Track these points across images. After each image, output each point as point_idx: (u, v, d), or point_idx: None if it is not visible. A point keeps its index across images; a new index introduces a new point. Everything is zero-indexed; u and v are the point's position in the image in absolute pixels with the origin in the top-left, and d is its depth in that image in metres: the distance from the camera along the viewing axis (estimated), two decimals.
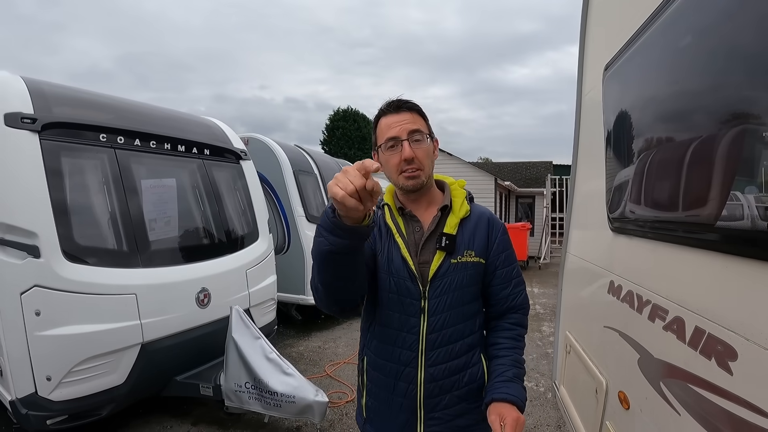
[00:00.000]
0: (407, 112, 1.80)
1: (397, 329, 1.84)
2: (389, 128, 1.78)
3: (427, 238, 1.85)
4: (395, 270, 1.83)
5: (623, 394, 2.13)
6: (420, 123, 1.81)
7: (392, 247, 1.85)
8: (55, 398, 3.54)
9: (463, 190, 1.99)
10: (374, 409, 1.96)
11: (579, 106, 3.31)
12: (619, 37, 2.31)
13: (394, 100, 1.83)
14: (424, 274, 1.81)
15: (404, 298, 1.82)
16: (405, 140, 1.75)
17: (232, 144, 5.71)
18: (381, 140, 1.80)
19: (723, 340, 1.33)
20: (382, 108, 1.84)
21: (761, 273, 1.18)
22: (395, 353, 1.85)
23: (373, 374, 1.93)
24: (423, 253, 1.84)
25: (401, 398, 1.84)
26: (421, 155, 1.78)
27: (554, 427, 4.81)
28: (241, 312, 4.30)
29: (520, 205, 23.03)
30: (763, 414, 1.15)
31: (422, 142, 1.78)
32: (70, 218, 3.73)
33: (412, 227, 1.89)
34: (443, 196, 1.95)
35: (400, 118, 1.78)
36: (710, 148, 1.42)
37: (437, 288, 1.80)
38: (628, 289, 2.13)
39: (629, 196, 2.17)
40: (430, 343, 1.80)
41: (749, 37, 1.26)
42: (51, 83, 4.16)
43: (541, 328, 8.71)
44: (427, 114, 1.87)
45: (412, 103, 1.84)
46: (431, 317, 1.80)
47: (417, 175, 1.78)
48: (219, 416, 4.78)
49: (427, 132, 1.83)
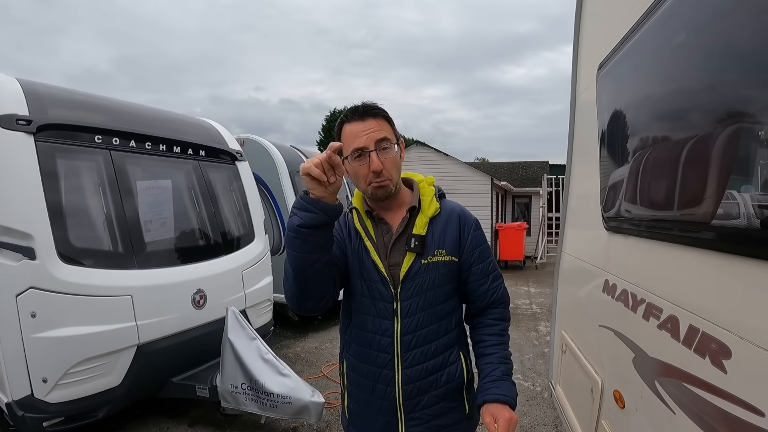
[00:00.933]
0: (373, 119, 1.74)
1: (372, 332, 1.84)
2: (355, 137, 1.73)
3: (396, 240, 1.83)
4: (366, 273, 1.83)
5: (618, 393, 2.13)
6: (386, 129, 1.77)
7: (362, 250, 1.85)
8: (52, 400, 3.53)
9: (432, 187, 1.97)
10: (356, 412, 1.97)
11: (573, 106, 3.32)
12: (612, 36, 2.32)
13: (359, 106, 1.77)
14: (395, 276, 1.80)
15: (376, 302, 1.82)
16: (373, 151, 1.71)
17: (227, 145, 5.71)
18: (347, 150, 1.75)
19: (717, 339, 1.33)
20: (347, 114, 1.78)
21: (756, 271, 1.19)
22: (372, 356, 1.85)
23: (353, 377, 1.94)
24: (393, 255, 1.83)
25: (380, 400, 1.84)
26: (389, 165, 1.75)
27: (551, 427, 4.82)
28: (237, 313, 4.29)
29: (517, 205, 23.01)
30: (757, 412, 1.15)
31: (389, 150, 1.75)
32: (66, 220, 3.73)
33: (381, 230, 1.87)
34: (412, 196, 1.92)
35: (365, 126, 1.73)
36: (705, 147, 1.43)
37: (408, 289, 1.79)
38: (623, 288, 2.13)
39: (623, 195, 2.18)
40: (405, 344, 1.80)
41: (742, 35, 1.26)
42: (46, 85, 4.16)
43: (538, 327, 8.71)
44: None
45: (378, 108, 1.78)
46: (404, 319, 1.79)
47: (386, 185, 1.76)
48: (216, 417, 4.77)
49: (394, 139, 1.79)
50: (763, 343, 1.14)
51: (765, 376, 1.13)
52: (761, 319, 1.17)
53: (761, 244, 1.17)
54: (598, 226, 2.53)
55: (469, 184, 17.52)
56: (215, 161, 5.49)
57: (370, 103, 1.78)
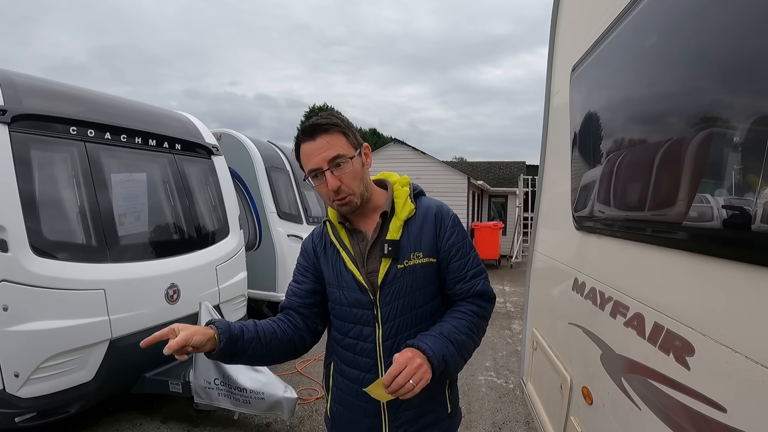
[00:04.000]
0: (323, 136, 1.71)
1: (354, 338, 1.84)
2: (309, 158, 1.73)
3: (372, 247, 1.82)
4: (345, 283, 1.83)
5: (587, 390, 2.16)
6: (339, 144, 1.73)
7: (338, 261, 1.85)
8: (24, 395, 3.49)
9: (406, 188, 1.93)
10: (339, 414, 1.97)
11: (547, 107, 3.35)
12: (586, 38, 2.33)
13: (308, 126, 1.74)
14: (374, 282, 1.79)
15: (356, 310, 1.82)
16: (327, 170, 1.70)
17: (203, 139, 5.68)
18: (306, 171, 1.77)
19: (681, 336, 1.36)
20: (299, 135, 1.77)
21: (719, 270, 1.22)
22: (356, 360, 1.85)
23: (339, 379, 1.94)
24: (370, 262, 1.82)
25: (365, 402, 1.83)
26: (348, 180, 1.73)
27: (523, 423, 4.87)
28: (210, 307, 4.28)
29: (493, 204, 23.14)
30: (719, 408, 1.17)
31: (345, 165, 1.72)
32: (39, 212, 3.68)
33: (357, 238, 1.86)
34: (386, 199, 1.89)
35: (317, 146, 1.71)
36: (676, 150, 1.45)
37: (387, 295, 1.78)
38: (591, 287, 2.16)
39: (594, 195, 2.21)
40: (387, 349, 1.79)
41: (714, 39, 1.28)
42: (22, 74, 4.10)
43: (512, 326, 8.79)
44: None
45: (327, 123, 1.73)
46: (385, 324, 1.79)
47: (348, 201, 1.75)
48: (189, 413, 4.76)
49: (350, 152, 1.75)
50: (724, 340, 1.17)
51: (727, 373, 1.16)
52: (723, 317, 1.20)
53: (727, 244, 1.19)
54: (569, 225, 2.56)
55: (446, 183, 17.63)
56: (191, 155, 5.46)
57: (319, 120, 1.75)
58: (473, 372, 6.30)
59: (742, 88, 1.17)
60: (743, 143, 1.12)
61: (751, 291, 1.09)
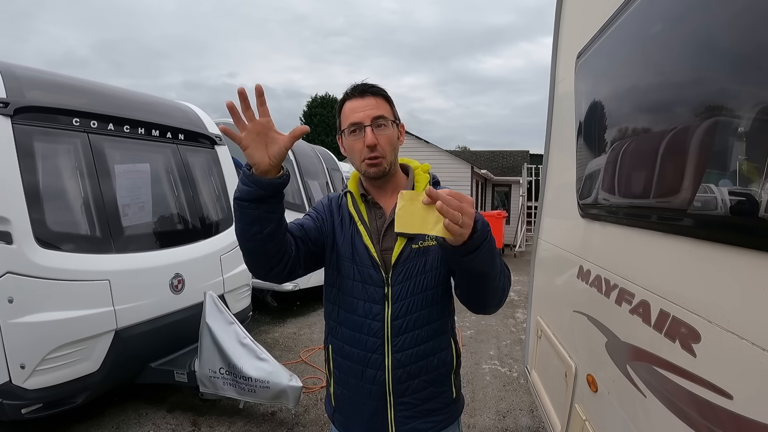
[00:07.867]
0: (372, 97, 1.77)
1: (362, 316, 1.84)
2: (353, 113, 1.75)
3: (389, 225, 1.83)
4: (359, 258, 1.83)
5: (591, 377, 2.16)
6: (384, 109, 1.78)
7: (355, 234, 1.85)
8: (30, 386, 3.50)
9: (427, 174, 1.97)
10: (343, 398, 1.95)
11: (552, 95, 3.34)
12: (592, 25, 2.32)
13: (359, 84, 1.80)
14: (387, 260, 1.80)
15: (368, 286, 1.82)
16: (368, 126, 1.72)
17: (206, 129, 5.67)
18: (344, 125, 1.78)
19: (687, 323, 1.36)
20: (347, 92, 1.81)
21: (725, 257, 1.21)
22: (362, 340, 1.84)
23: (341, 362, 1.93)
24: (385, 239, 1.83)
25: (370, 385, 1.84)
26: (384, 142, 1.76)
27: (527, 412, 4.88)
28: (215, 297, 4.29)
29: (497, 193, 23.11)
30: (725, 395, 1.17)
31: (386, 128, 1.76)
32: (43, 204, 3.69)
33: (375, 214, 1.88)
34: (407, 182, 1.93)
35: (364, 103, 1.75)
36: (682, 137, 1.44)
37: (399, 274, 1.79)
38: (597, 274, 2.16)
39: (599, 183, 2.20)
40: (395, 329, 1.79)
41: (722, 27, 1.27)
42: (24, 66, 4.08)
43: (515, 314, 8.80)
44: (398, 101, 1.84)
45: (378, 87, 1.81)
46: (395, 303, 1.79)
47: (379, 162, 1.76)
48: (194, 402, 4.78)
49: (392, 118, 1.81)
50: (731, 327, 1.17)
51: (733, 360, 1.15)
52: (730, 303, 1.19)
53: (732, 230, 1.19)
54: (574, 213, 2.55)
55: (449, 172, 17.59)
56: (194, 145, 5.46)
57: (371, 83, 1.81)
58: (477, 361, 6.32)
59: (748, 77, 1.16)
60: (749, 132, 1.11)
61: (759, 277, 1.08)
